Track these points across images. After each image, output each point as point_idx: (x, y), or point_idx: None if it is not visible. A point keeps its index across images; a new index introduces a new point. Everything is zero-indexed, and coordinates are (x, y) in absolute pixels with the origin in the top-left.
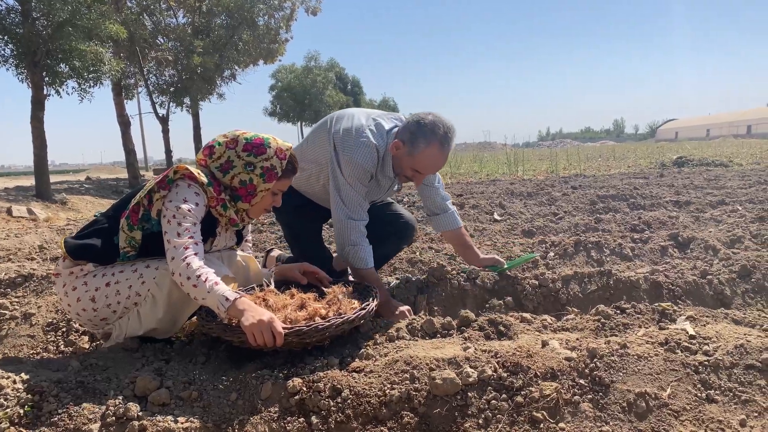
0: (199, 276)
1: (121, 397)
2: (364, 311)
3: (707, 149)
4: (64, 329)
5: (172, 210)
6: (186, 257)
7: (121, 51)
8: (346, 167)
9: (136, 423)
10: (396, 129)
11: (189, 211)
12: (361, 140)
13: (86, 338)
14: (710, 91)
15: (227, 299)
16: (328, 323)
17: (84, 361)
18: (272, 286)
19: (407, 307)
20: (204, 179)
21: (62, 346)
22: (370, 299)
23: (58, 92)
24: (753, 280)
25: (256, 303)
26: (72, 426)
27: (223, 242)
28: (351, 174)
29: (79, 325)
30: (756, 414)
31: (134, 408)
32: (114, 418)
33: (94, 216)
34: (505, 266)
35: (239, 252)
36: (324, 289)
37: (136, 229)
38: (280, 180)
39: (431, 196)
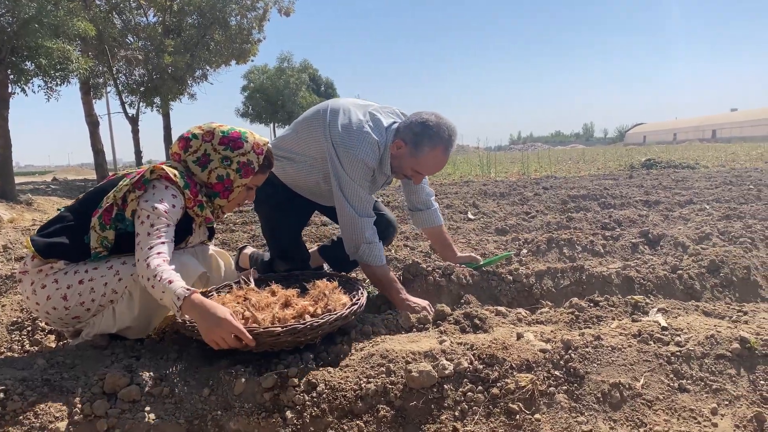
0: (156, 275)
1: (89, 395)
2: (356, 306)
3: (674, 152)
4: (29, 328)
5: (147, 210)
6: (148, 258)
7: (90, 49)
8: (349, 165)
9: (105, 421)
10: (395, 125)
11: (165, 212)
12: (362, 137)
13: (52, 337)
14: (677, 97)
15: (179, 298)
16: (322, 320)
17: (50, 359)
18: (252, 284)
19: (426, 302)
20: (181, 182)
21: (27, 346)
22: (359, 293)
23: (23, 90)
24: (721, 274)
25: (237, 302)
26: (38, 424)
27: (197, 238)
28: (355, 171)
29: (47, 324)
30: (727, 402)
31: (103, 405)
32: (82, 416)
33: (58, 210)
34: (481, 263)
35: (212, 248)
36: (305, 284)
37: (108, 229)
38: (256, 175)
39: (416, 191)
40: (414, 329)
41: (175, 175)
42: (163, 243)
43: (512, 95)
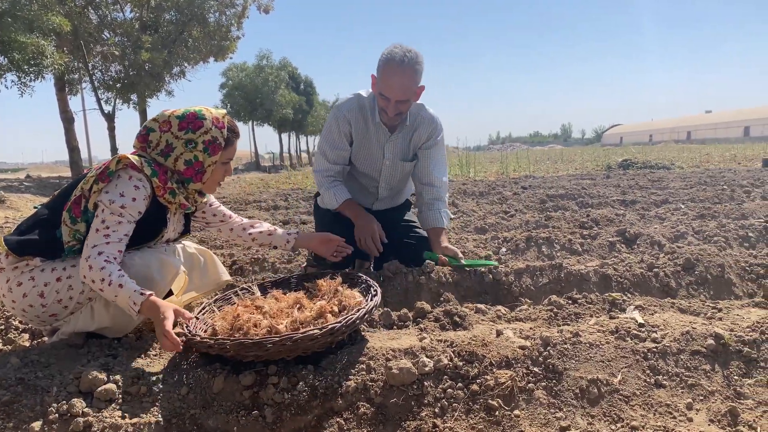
0: (103, 278)
1: (65, 394)
2: (377, 295)
3: (650, 153)
4: (2, 327)
5: (104, 204)
6: (89, 257)
7: (65, 44)
8: (326, 123)
9: (80, 420)
10: None
11: (122, 207)
12: (344, 98)
13: (26, 336)
14: (653, 99)
15: (135, 303)
16: (357, 314)
17: (24, 357)
18: (258, 294)
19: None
20: (148, 170)
21: (0, 345)
22: (370, 288)
23: None
24: (696, 272)
25: (251, 313)
26: (11, 424)
27: (173, 229)
28: (327, 127)
29: (24, 321)
30: (702, 397)
31: (79, 404)
32: (57, 415)
33: (34, 208)
34: (464, 263)
35: (194, 245)
36: (306, 284)
37: (79, 222)
38: (226, 149)
39: (422, 195)
40: (394, 326)
41: (141, 163)
42: (108, 243)
43: (491, 96)
